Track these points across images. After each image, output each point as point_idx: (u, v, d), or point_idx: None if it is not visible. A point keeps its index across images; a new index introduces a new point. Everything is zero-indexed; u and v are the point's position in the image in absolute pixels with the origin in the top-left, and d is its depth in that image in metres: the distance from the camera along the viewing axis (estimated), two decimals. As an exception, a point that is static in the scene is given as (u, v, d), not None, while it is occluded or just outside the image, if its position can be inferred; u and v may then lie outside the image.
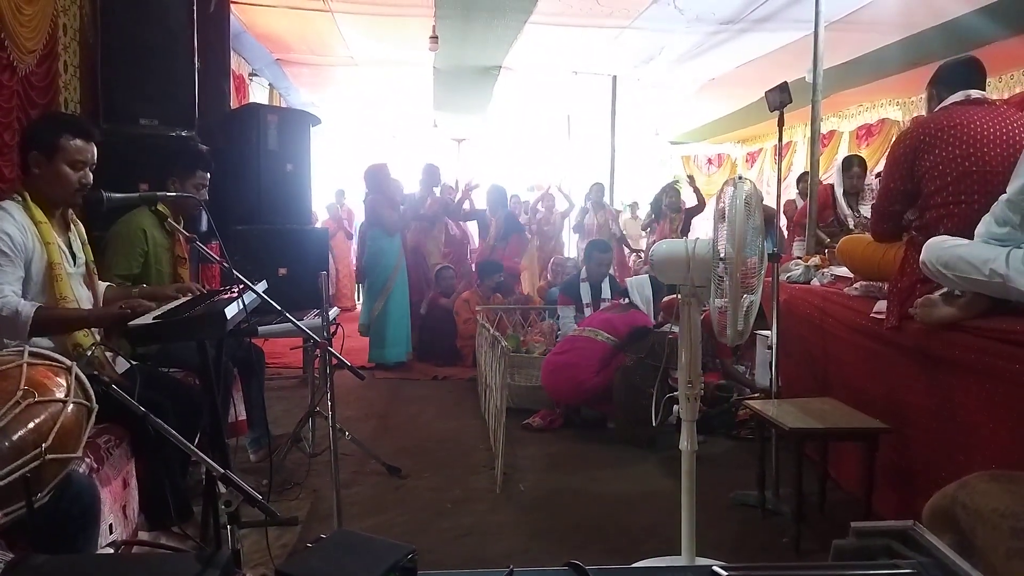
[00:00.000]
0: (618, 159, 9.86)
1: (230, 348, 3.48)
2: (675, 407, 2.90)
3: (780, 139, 3.87)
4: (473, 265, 8.31)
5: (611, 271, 6.33)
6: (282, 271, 5.26)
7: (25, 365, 1.60)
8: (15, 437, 1.46)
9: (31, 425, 1.50)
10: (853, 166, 5.84)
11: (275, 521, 1.95)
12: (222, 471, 1.78)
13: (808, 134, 5.49)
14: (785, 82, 3.95)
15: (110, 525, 2.13)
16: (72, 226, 2.76)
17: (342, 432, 3.85)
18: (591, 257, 5.96)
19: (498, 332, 5.02)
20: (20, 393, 1.51)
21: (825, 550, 1.09)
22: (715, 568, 1.00)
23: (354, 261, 10.33)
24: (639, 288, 5.36)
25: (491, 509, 3.51)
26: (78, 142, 2.60)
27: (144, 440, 2.60)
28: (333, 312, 3.99)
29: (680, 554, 2.66)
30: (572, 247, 10.22)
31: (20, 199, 2.53)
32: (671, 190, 9.06)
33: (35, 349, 1.69)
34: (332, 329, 3.65)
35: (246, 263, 4.43)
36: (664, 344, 4.69)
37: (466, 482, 3.88)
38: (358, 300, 10.77)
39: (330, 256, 9.82)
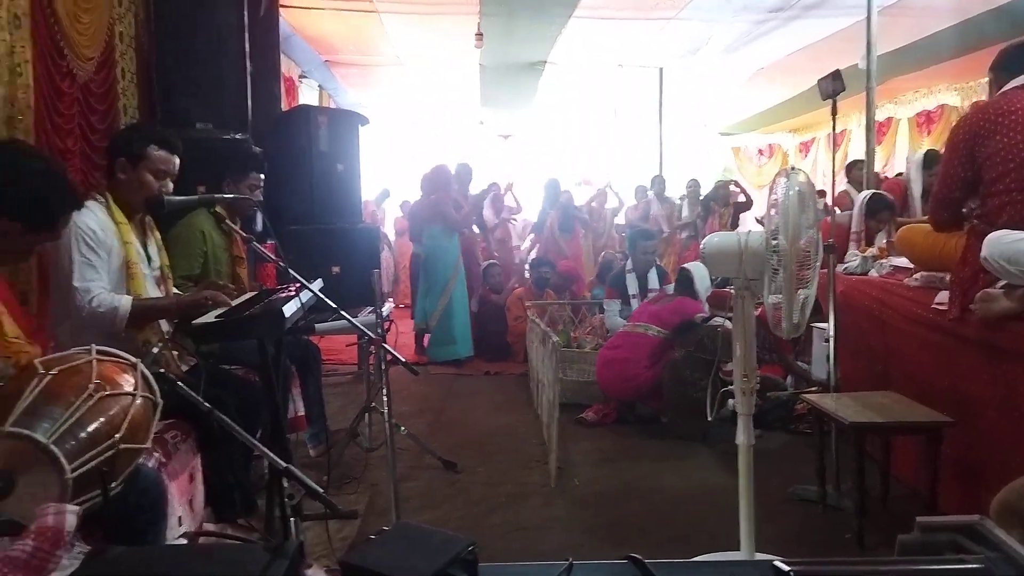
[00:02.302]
0: (666, 151, 9.77)
1: (288, 345, 3.56)
2: (730, 401, 2.86)
3: (834, 129, 3.78)
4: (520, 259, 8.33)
5: (657, 261, 6.27)
6: (335, 269, 5.34)
7: (95, 361, 1.66)
8: (90, 428, 1.52)
9: (104, 417, 1.56)
10: (936, 163, 5.40)
11: (336, 514, 1.99)
12: (285, 466, 1.82)
13: (863, 121, 5.35)
14: (837, 70, 3.86)
15: (179, 518, 2.20)
16: (150, 232, 2.87)
17: (398, 427, 3.90)
18: (636, 246, 5.92)
19: (548, 328, 5.03)
20: (92, 386, 1.57)
21: (888, 546, 1.07)
22: (777, 563, 0.99)
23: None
24: (701, 276, 5.26)
25: (545, 504, 3.51)
26: (163, 153, 2.73)
27: (209, 435, 2.67)
28: (387, 308, 4.04)
29: (739, 549, 2.63)
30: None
31: (103, 200, 2.65)
32: (719, 185, 8.96)
33: (102, 348, 1.75)
34: (386, 326, 3.69)
35: (300, 262, 4.49)
36: (713, 337, 4.65)
37: (520, 477, 3.89)
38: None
39: (390, 253, 9.92)
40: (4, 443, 1.42)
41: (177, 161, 2.80)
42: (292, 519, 2.02)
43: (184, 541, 1.99)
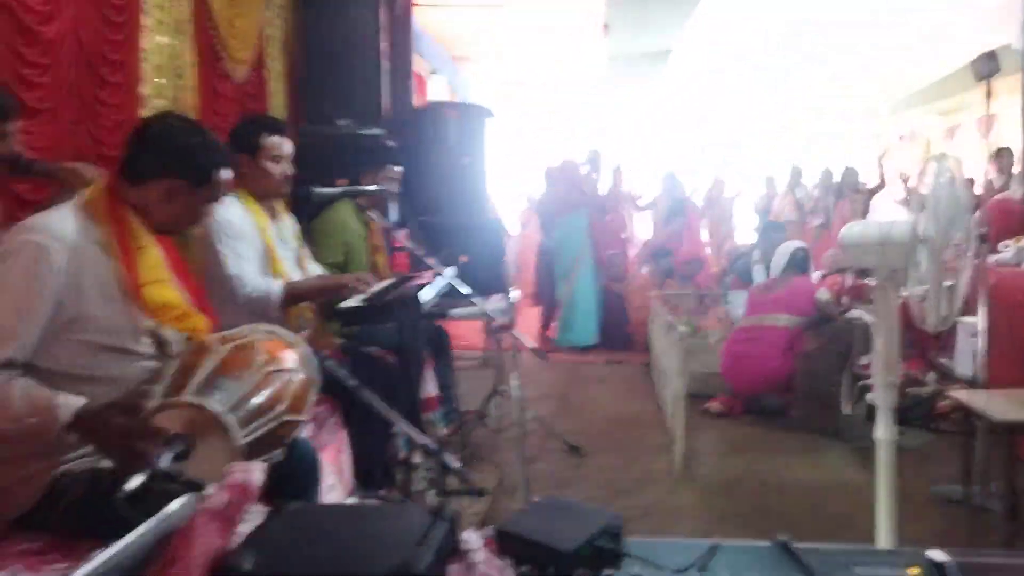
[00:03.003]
0: (800, 138, 9.40)
1: (421, 329, 3.69)
2: (867, 395, 2.74)
3: (988, 111, 3.53)
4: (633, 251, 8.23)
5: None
6: (463, 258, 5.46)
7: (261, 338, 1.79)
8: (258, 400, 1.63)
9: (269, 390, 1.67)
10: None
11: (471, 490, 2.06)
12: (425, 442, 1.90)
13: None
14: (993, 50, 3.61)
15: (330, 485, 2.34)
16: (282, 217, 3.02)
17: (525, 410, 3.97)
18: (767, 239, 5.74)
19: (672, 317, 4.96)
20: (260, 362, 1.69)
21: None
22: (931, 553, 0.96)
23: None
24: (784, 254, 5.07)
25: (671, 491, 3.49)
26: (275, 138, 2.84)
27: (353, 412, 2.81)
28: (515, 296, 4.11)
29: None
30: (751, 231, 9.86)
31: (236, 193, 2.81)
32: (850, 169, 8.52)
33: (267, 326, 1.87)
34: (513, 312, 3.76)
35: (429, 251, 4.66)
36: (849, 329, 4.46)
37: (645, 463, 3.88)
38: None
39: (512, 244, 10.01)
40: (185, 412, 1.55)
41: (289, 144, 2.88)
42: (430, 492, 2.11)
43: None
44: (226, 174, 1.88)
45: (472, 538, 0.96)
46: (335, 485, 2.43)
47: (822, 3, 7.07)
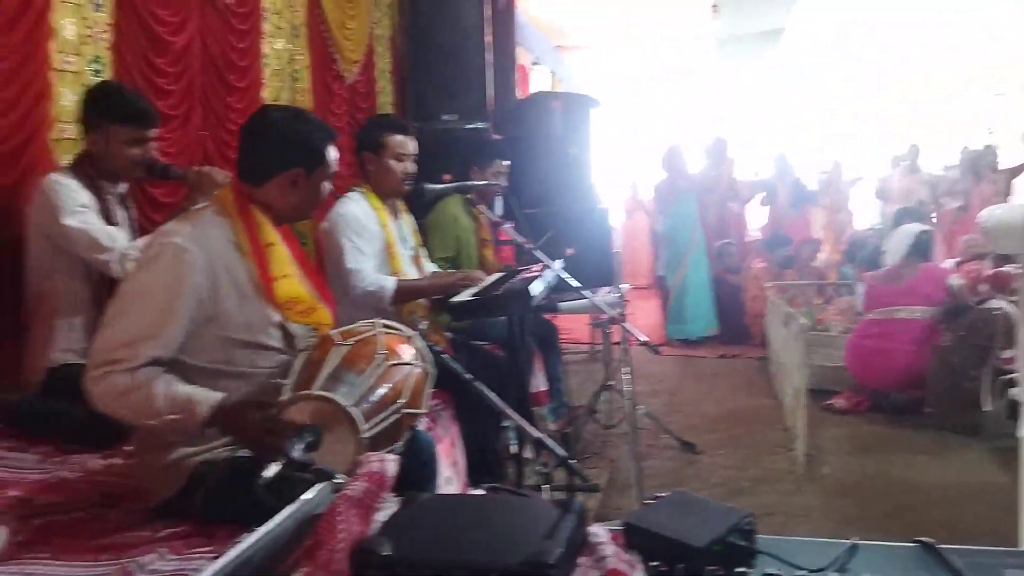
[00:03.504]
0: (923, 116, 8.90)
1: (529, 323, 3.73)
2: (1011, 391, 2.58)
3: None
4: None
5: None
6: (569, 251, 5.46)
7: (381, 333, 1.86)
8: (379, 393, 1.70)
9: (390, 384, 1.74)
10: None
11: (583, 486, 2.07)
12: (538, 436, 1.92)
13: None
14: None
15: (446, 478, 2.41)
16: (402, 215, 3.13)
17: (636, 406, 3.95)
18: (901, 226, 5.45)
19: (791, 309, 4.81)
20: (380, 356, 1.75)
21: None
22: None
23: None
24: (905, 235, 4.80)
25: (794, 491, 3.40)
26: (399, 137, 2.94)
27: (465, 405, 2.87)
28: (624, 287, 4.09)
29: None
30: (873, 215, 9.41)
31: (361, 190, 2.93)
32: (988, 150, 7.97)
33: (386, 321, 1.94)
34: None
35: (536, 244, 4.69)
36: (989, 321, 4.20)
37: (764, 462, 3.80)
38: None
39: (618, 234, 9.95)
40: (314, 404, 1.63)
41: (413, 143, 2.99)
42: (544, 487, 2.13)
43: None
44: (333, 151, 1.94)
45: (599, 532, 0.98)
46: (451, 478, 2.50)
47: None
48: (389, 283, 2.78)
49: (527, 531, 0.90)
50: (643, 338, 2.99)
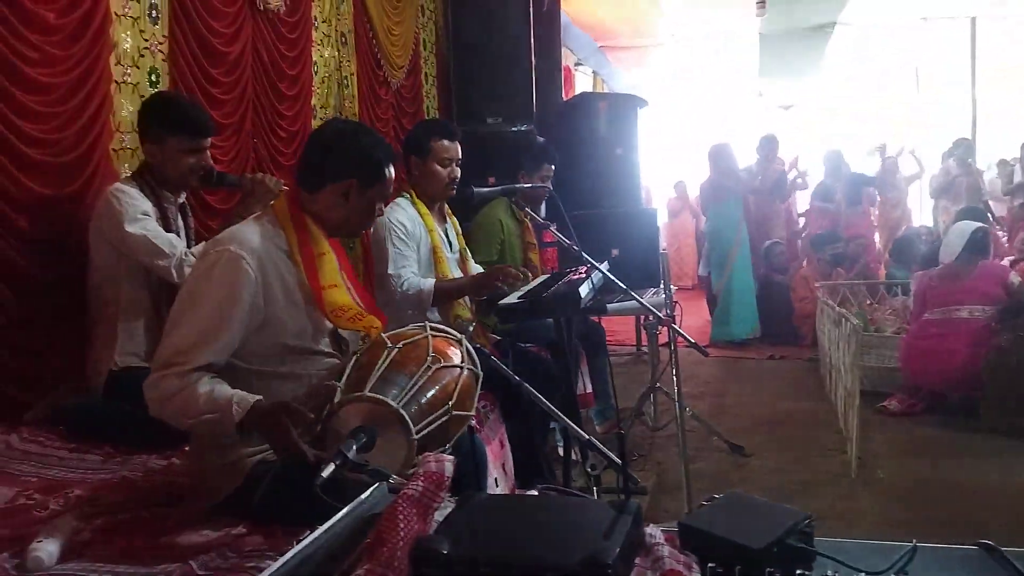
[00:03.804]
0: (980, 111, 8.66)
1: (575, 325, 3.73)
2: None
3: None
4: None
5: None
6: (615, 252, 5.46)
7: (429, 336, 1.88)
8: (429, 395, 1.72)
9: (439, 386, 1.76)
10: None
11: (632, 488, 2.07)
12: (588, 438, 1.93)
13: None
14: None
15: (495, 479, 2.43)
16: (448, 218, 3.16)
17: (684, 408, 3.92)
18: (956, 224, 5.32)
19: (843, 309, 4.73)
20: (430, 359, 1.78)
21: None
22: None
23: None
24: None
25: (846, 495, 3.35)
26: (443, 142, 2.98)
27: (512, 406, 2.89)
28: (671, 288, 4.07)
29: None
30: (924, 214, 9.19)
31: (408, 196, 2.97)
32: None
33: (434, 324, 1.97)
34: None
35: (581, 246, 4.69)
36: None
37: (814, 465, 3.74)
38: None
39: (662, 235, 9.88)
40: (365, 406, 1.66)
41: (458, 147, 3.03)
42: (593, 489, 2.13)
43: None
44: (392, 171, 1.97)
45: (655, 533, 0.98)
46: (499, 479, 2.51)
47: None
48: (427, 285, 2.83)
49: (584, 531, 0.91)
50: (691, 340, 2.97)
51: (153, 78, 2.76)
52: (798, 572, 0.89)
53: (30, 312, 2.33)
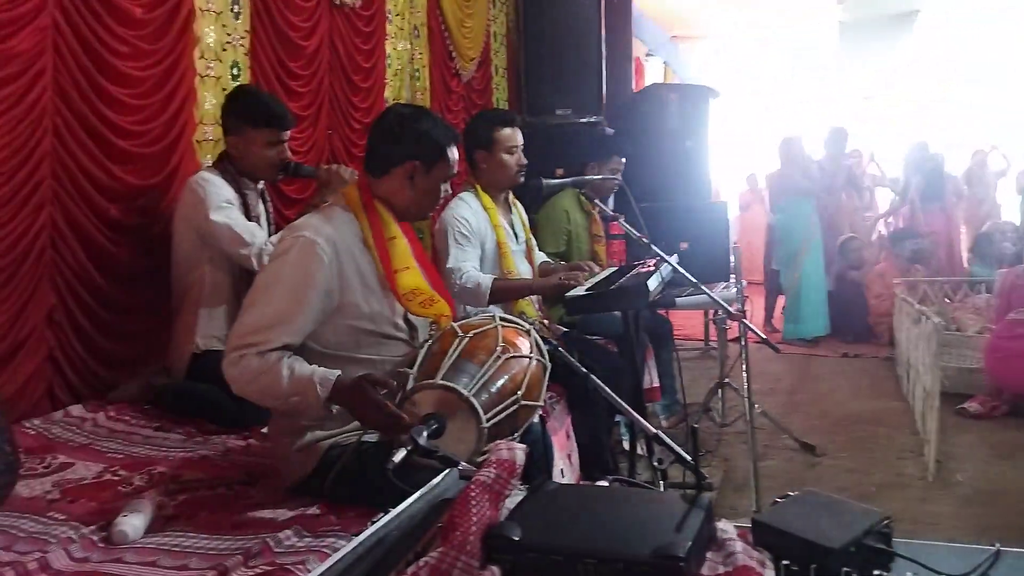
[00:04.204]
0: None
1: (644, 318, 3.70)
2: None
3: None
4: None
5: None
6: (683, 245, 5.39)
7: (499, 326, 1.90)
8: (499, 384, 1.74)
9: (508, 376, 1.78)
10: None
11: (699, 485, 2.04)
12: (655, 431, 1.91)
13: None
14: None
15: (560, 470, 2.44)
16: (513, 208, 3.16)
17: (753, 404, 3.86)
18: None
19: (923, 307, 4.57)
20: (500, 349, 1.79)
21: None
22: None
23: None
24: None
25: (923, 498, 3.24)
26: (507, 130, 2.98)
27: (577, 398, 2.89)
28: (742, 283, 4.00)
29: None
30: (1011, 211, 8.77)
31: (473, 190, 2.97)
32: None
33: (503, 315, 1.98)
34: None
35: (650, 239, 4.64)
36: None
37: (891, 466, 3.64)
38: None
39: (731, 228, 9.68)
40: (436, 393, 1.68)
41: (520, 133, 3.00)
42: (660, 483, 2.12)
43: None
44: (455, 152, 1.99)
45: (728, 528, 0.98)
46: (565, 470, 2.52)
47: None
48: (486, 281, 2.77)
49: (656, 523, 0.91)
50: (762, 335, 2.92)
51: (235, 71, 2.84)
52: (875, 573, 0.87)
53: (119, 297, 2.44)
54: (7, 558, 1.53)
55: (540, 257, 3.36)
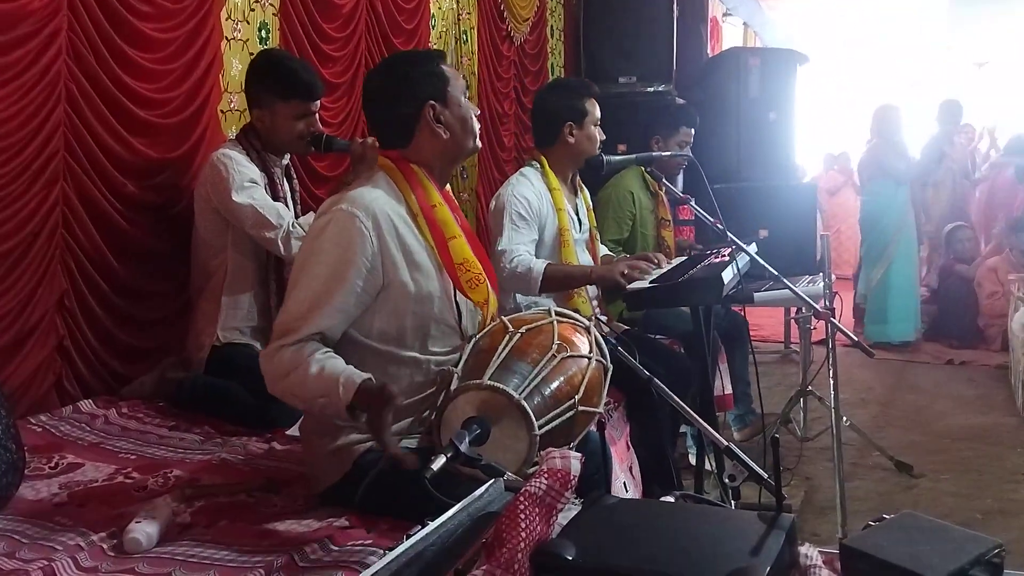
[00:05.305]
0: None
1: (716, 315, 3.66)
2: None
3: None
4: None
5: None
6: (762, 232, 5.32)
7: (555, 322, 1.90)
8: (553, 386, 1.73)
9: (564, 377, 1.77)
10: None
11: (777, 506, 2.02)
12: (726, 444, 1.89)
13: None
14: None
15: (623, 484, 2.43)
16: (579, 192, 3.15)
17: (841, 417, 3.80)
18: None
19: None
20: (555, 347, 1.79)
21: None
22: None
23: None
24: None
25: (1038, 527, 3.17)
26: (594, 100, 2.97)
27: (637, 404, 2.87)
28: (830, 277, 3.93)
29: None
30: None
31: (539, 166, 2.96)
32: None
33: (559, 309, 1.98)
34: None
35: (725, 224, 4.59)
36: None
37: (1002, 491, 3.58)
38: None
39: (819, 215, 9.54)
40: (483, 394, 1.68)
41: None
42: (731, 503, 2.10)
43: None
44: (447, 67, 1.99)
45: (811, 553, 0.97)
46: (628, 484, 2.52)
47: None
48: (538, 265, 2.75)
49: (729, 545, 0.91)
50: (854, 338, 2.87)
51: (263, 33, 2.89)
52: (984, 610, 0.86)
53: (135, 282, 2.50)
54: (10, 566, 1.56)
55: (602, 250, 3.33)
